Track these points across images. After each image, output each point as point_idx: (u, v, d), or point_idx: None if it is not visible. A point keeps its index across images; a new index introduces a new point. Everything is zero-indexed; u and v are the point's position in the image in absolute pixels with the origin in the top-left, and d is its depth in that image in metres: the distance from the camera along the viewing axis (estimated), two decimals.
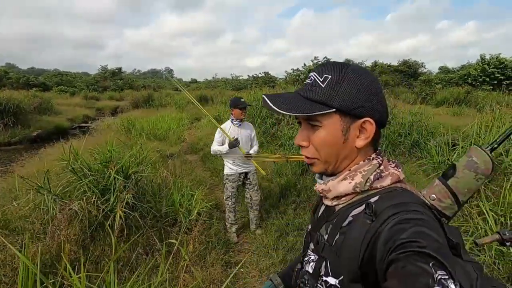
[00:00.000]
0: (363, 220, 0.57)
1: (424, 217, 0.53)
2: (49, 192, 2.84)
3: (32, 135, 12.16)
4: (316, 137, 0.64)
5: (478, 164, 0.75)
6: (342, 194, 0.64)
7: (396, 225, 0.51)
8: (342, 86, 0.61)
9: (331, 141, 0.63)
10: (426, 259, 0.44)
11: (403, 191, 0.61)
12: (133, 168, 3.11)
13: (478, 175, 0.74)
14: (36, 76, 42.91)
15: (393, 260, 0.47)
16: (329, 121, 0.62)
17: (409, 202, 0.56)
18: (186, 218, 3.17)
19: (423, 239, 0.47)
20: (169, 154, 6.35)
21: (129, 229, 3.01)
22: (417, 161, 5.44)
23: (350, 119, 0.62)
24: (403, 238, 0.48)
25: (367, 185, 0.62)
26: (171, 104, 18.67)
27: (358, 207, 0.61)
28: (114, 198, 2.81)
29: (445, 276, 0.43)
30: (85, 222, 2.78)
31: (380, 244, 0.51)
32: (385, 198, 0.59)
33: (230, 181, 3.31)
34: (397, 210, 0.54)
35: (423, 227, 0.50)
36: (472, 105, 16.33)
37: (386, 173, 0.63)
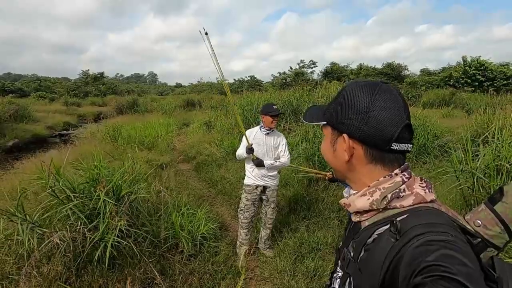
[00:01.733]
0: (387, 238, 0.56)
1: (452, 239, 0.49)
2: (24, 219, 2.37)
3: (8, 145, 11.31)
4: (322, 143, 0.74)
5: None
6: (360, 210, 0.64)
7: (421, 246, 0.49)
8: (334, 102, 0.68)
9: (324, 150, 0.72)
10: (454, 285, 0.42)
11: (433, 210, 0.58)
12: (126, 189, 2.66)
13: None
14: (12, 82, 41.07)
15: (418, 284, 0.45)
16: (326, 132, 0.71)
17: (437, 223, 0.53)
18: (189, 243, 2.75)
19: (451, 263, 0.44)
20: (160, 165, 5.88)
21: (122, 259, 2.56)
22: (424, 165, 5.23)
23: (337, 132, 0.68)
24: (429, 260, 0.46)
25: (384, 203, 0.61)
26: (157, 110, 18.04)
27: (384, 226, 0.60)
28: (104, 226, 2.35)
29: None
30: (69, 256, 2.32)
31: (403, 264, 0.49)
32: (412, 217, 0.57)
33: (246, 191, 2.95)
34: (424, 231, 0.51)
35: (451, 250, 0.47)
36: (458, 107, 16.59)
37: (409, 193, 0.61)
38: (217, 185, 5.11)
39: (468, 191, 3.38)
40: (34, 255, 2.19)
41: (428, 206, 0.59)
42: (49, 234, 2.25)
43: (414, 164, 5.29)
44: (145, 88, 58.09)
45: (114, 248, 2.43)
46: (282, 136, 3.02)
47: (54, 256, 2.30)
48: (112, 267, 2.50)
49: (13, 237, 2.37)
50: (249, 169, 2.96)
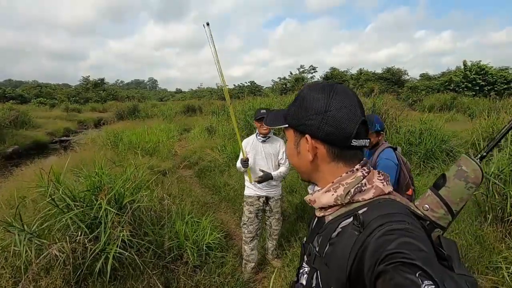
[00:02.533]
0: (351, 231, 0.58)
1: (409, 227, 0.53)
2: (22, 230, 2.25)
3: (7, 152, 11.20)
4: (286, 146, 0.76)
5: (468, 173, 0.75)
6: (325, 206, 0.66)
7: (382, 236, 0.52)
8: (295, 105, 0.70)
9: (289, 152, 0.74)
10: (412, 269, 0.45)
11: (391, 201, 0.62)
12: (128, 197, 2.55)
13: (468, 184, 0.75)
14: (13, 88, 41.10)
15: (381, 272, 0.48)
16: (289, 135, 0.73)
17: (395, 212, 0.57)
18: (194, 253, 2.63)
19: (409, 250, 0.47)
20: (162, 171, 5.76)
21: (124, 271, 2.44)
22: (432, 170, 5.12)
23: (299, 134, 0.70)
24: (389, 249, 0.49)
25: (348, 198, 0.63)
26: (158, 115, 17.97)
27: (347, 219, 0.62)
28: (106, 236, 2.24)
29: (432, 286, 0.43)
30: (68, 268, 2.20)
31: (367, 255, 0.51)
32: (373, 209, 0.59)
33: (248, 204, 2.77)
34: (384, 221, 0.54)
35: (409, 237, 0.50)
36: (460, 111, 16.53)
37: (369, 186, 0.64)
38: (220, 192, 4.99)
39: (482, 197, 3.28)
40: (32, 268, 2.07)
41: (385, 198, 0.62)
42: (47, 246, 2.14)
43: (422, 170, 5.18)
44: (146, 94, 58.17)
45: (116, 260, 2.32)
46: (282, 142, 2.80)
47: (53, 269, 2.18)
48: (114, 280, 2.38)
49: (10, 248, 2.25)
50: (246, 177, 2.77)
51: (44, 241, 2.27)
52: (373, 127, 2.25)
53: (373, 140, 2.28)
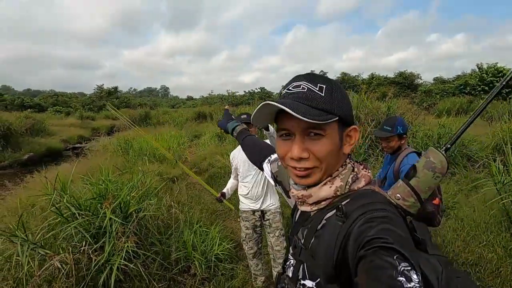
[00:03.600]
0: (335, 222, 0.60)
1: (389, 214, 0.56)
2: (25, 240, 2.17)
3: (23, 158, 11.45)
4: (318, 146, 0.62)
5: (435, 164, 0.85)
6: (323, 199, 0.65)
7: (364, 224, 0.54)
8: (337, 95, 0.63)
9: (332, 149, 0.64)
10: (390, 253, 0.48)
11: (371, 192, 0.65)
12: (134, 205, 2.45)
13: (436, 174, 0.86)
14: (31, 98, 42.42)
15: (362, 256, 0.50)
16: (331, 129, 0.63)
17: (375, 201, 0.60)
18: (202, 264, 2.49)
19: (388, 235, 0.50)
20: (171, 178, 5.69)
21: (129, 283, 2.33)
22: (454, 177, 4.85)
23: (343, 127, 0.65)
24: (370, 235, 0.51)
25: (347, 188, 0.65)
26: (169, 122, 18.10)
27: (331, 211, 0.63)
28: (110, 247, 2.14)
29: (408, 267, 0.46)
30: (71, 280, 2.10)
31: (351, 242, 0.54)
32: (355, 200, 0.62)
33: (243, 219, 2.55)
34: (365, 210, 0.57)
35: (388, 224, 0.53)
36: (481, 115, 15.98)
37: (360, 175, 0.67)
38: (230, 199, 4.86)
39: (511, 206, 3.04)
40: (34, 279, 1.98)
41: (366, 189, 0.65)
42: (49, 257, 2.05)
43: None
44: (158, 101, 59.05)
45: (120, 271, 2.21)
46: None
47: (55, 281, 2.09)
48: None
49: (13, 259, 2.18)
50: (240, 192, 2.55)
51: (48, 252, 2.18)
52: (395, 129, 2.08)
53: (394, 144, 2.11)
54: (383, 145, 2.20)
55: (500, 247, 2.79)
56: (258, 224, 2.52)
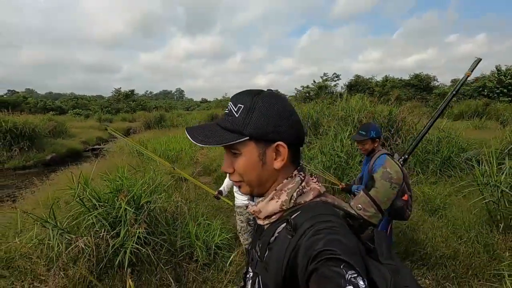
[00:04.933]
0: (285, 235, 0.62)
1: (334, 225, 0.58)
2: (55, 226, 2.59)
3: (46, 159, 12.19)
4: (237, 164, 0.67)
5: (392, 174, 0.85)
6: (271, 213, 0.68)
7: (312, 237, 0.56)
8: (254, 115, 0.64)
9: (250, 166, 0.67)
10: (337, 263, 0.50)
11: (321, 203, 0.66)
12: (145, 198, 2.83)
13: (392, 185, 0.85)
14: (53, 101, 44.31)
15: (313, 270, 0.52)
16: (246, 148, 0.65)
17: (322, 213, 0.61)
18: (203, 252, 2.84)
19: (334, 246, 0.53)
20: (182, 177, 6.09)
21: (141, 266, 2.71)
22: (449, 179, 5.01)
23: (265, 144, 0.65)
24: (318, 248, 0.53)
25: (292, 202, 0.66)
26: (183, 124, 18.68)
27: (282, 224, 0.65)
28: (124, 232, 2.52)
29: (355, 274, 0.49)
30: (92, 260, 2.49)
31: (300, 256, 0.56)
32: (303, 212, 0.64)
33: (238, 213, 2.84)
34: (312, 223, 0.59)
35: (334, 235, 0.55)
36: (493, 118, 15.73)
37: (308, 189, 0.68)
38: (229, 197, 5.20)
39: (494, 205, 3.23)
40: (62, 258, 2.38)
41: (317, 201, 0.67)
42: (75, 239, 2.44)
43: (438, 178, 5.09)
44: (173, 104, 60.29)
45: (134, 255, 2.58)
46: None
47: (79, 260, 2.49)
48: (131, 273, 2.65)
49: (45, 241, 2.59)
50: (235, 189, 2.84)
51: (73, 236, 2.59)
52: (369, 134, 2.37)
53: (368, 147, 2.39)
54: (359, 148, 2.49)
55: (480, 244, 3.00)
56: (252, 217, 2.80)
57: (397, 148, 5.87)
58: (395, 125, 6.18)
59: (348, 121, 6.30)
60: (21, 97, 36.05)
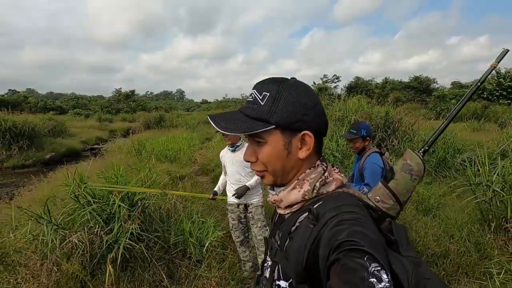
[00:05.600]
0: (306, 224, 0.62)
1: (358, 216, 0.57)
2: (49, 222, 2.62)
3: (45, 158, 12.25)
4: (262, 153, 0.67)
5: (412, 166, 0.81)
6: (293, 203, 0.68)
7: (334, 227, 0.55)
8: (280, 103, 0.63)
9: (275, 155, 0.66)
10: (361, 254, 0.49)
11: (344, 194, 0.66)
12: (139, 195, 2.86)
13: (413, 176, 0.81)
14: (53, 100, 44.42)
15: (335, 260, 0.51)
16: (272, 137, 0.65)
17: (346, 204, 0.61)
18: (196, 249, 2.87)
19: (358, 238, 0.51)
20: (179, 176, 6.12)
21: (135, 262, 2.73)
22: (444, 179, 5.04)
23: (291, 133, 0.65)
24: (340, 238, 0.52)
25: (314, 192, 0.66)
26: (182, 125, 18.72)
27: (304, 213, 0.65)
28: (117, 228, 2.55)
29: (378, 267, 0.48)
30: (86, 256, 2.52)
31: (322, 246, 0.55)
32: (326, 202, 0.63)
33: (229, 211, 2.84)
34: (335, 213, 0.58)
35: (358, 226, 0.54)
36: (491, 120, 15.77)
37: (331, 179, 0.68)
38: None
39: (485, 205, 3.26)
40: (55, 252, 2.41)
41: (339, 192, 0.67)
42: (68, 234, 2.47)
43: (433, 178, 5.12)
44: (173, 105, 60.40)
45: (127, 251, 2.60)
46: None
47: (73, 256, 2.51)
48: (125, 269, 2.68)
49: (39, 237, 2.62)
50: (227, 188, 2.85)
51: (67, 231, 2.61)
52: (360, 132, 2.40)
53: (359, 145, 2.43)
54: (350, 146, 2.52)
55: (472, 243, 3.03)
56: (243, 216, 2.82)
57: (394, 149, 5.90)
58: (392, 126, 6.21)
59: (344, 122, 6.33)
60: (22, 97, 36.13)
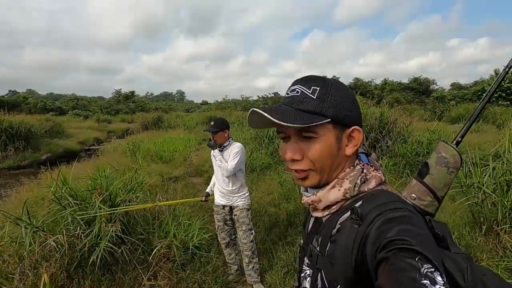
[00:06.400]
0: (350, 225, 0.58)
1: (407, 213, 0.54)
2: (28, 224, 2.56)
3: (41, 159, 12.18)
4: (312, 149, 0.62)
5: (448, 159, 0.77)
6: (333, 203, 0.65)
7: (382, 225, 0.53)
8: (332, 97, 0.62)
9: (327, 151, 0.63)
10: (412, 254, 0.46)
11: (384, 191, 0.62)
12: (121, 196, 2.81)
13: (450, 169, 0.77)
14: (53, 101, 44.40)
15: (382, 259, 0.49)
16: (324, 131, 0.62)
17: (391, 201, 0.58)
18: (180, 252, 2.81)
19: (408, 236, 0.49)
20: (172, 177, 6.07)
21: (118, 265, 2.68)
22: None
23: (341, 128, 0.63)
24: (389, 236, 0.50)
25: (356, 190, 0.63)
26: (180, 126, 18.68)
27: (344, 214, 0.62)
28: (97, 229, 2.49)
29: (431, 269, 0.45)
30: (64, 259, 2.46)
31: (369, 245, 0.52)
32: (368, 201, 0.60)
33: (215, 212, 2.80)
34: (381, 210, 0.55)
35: (407, 224, 0.51)
36: (490, 122, 15.71)
37: (370, 176, 0.65)
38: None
39: (477, 207, 3.19)
40: (31, 255, 2.35)
41: (378, 189, 0.64)
42: (45, 237, 2.42)
43: None
44: (173, 106, 60.38)
45: (108, 254, 2.54)
46: (235, 145, 2.66)
47: (52, 259, 2.46)
48: (106, 272, 2.62)
49: (18, 239, 2.57)
50: (214, 188, 2.84)
51: (47, 234, 2.56)
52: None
53: None
54: None
55: (462, 245, 2.96)
56: (228, 217, 2.77)
57: (388, 150, 5.85)
58: (387, 126, 6.16)
59: None
60: (21, 98, 36.14)
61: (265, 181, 5.56)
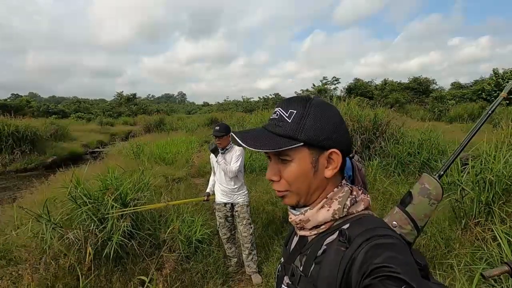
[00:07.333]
0: (337, 247, 0.58)
1: (395, 241, 0.55)
2: (48, 221, 2.85)
3: (47, 161, 12.51)
4: (287, 171, 0.64)
5: (431, 190, 0.80)
6: (321, 223, 0.64)
7: (369, 250, 0.53)
8: (308, 120, 0.62)
9: (302, 174, 0.63)
10: (398, 283, 0.47)
11: (372, 216, 0.64)
12: (131, 195, 3.10)
13: (431, 201, 0.80)
14: (55, 104, 44.83)
15: (368, 285, 0.49)
16: (299, 155, 0.63)
17: (380, 227, 0.58)
18: (184, 245, 3.10)
19: (395, 264, 0.49)
20: (175, 178, 6.35)
21: (128, 258, 2.96)
22: None
23: (318, 151, 0.63)
24: (376, 263, 0.50)
25: (345, 211, 0.63)
26: (182, 128, 18.99)
27: (331, 235, 0.62)
28: (110, 225, 2.78)
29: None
30: (82, 251, 2.75)
31: (355, 269, 0.53)
32: (356, 224, 0.61)
33: (217, 210, 3.06)
34: (370, 235, 0.56)
35: (394, 252, 0.52)
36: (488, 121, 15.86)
37: (359, 199, 0.66)
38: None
39: (457, 203, 3.46)
40: (53, 248, 2.64)
41: (365, 214, 0.65)
42: (65, 232, 2.71)
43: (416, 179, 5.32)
44: (175, 108, 60.73)
45: (121, 248, 2.83)
46: (237, 149, 2.93)
47: (70, 253, 2.75)
48: (118, 264, 2.91)
49: (39, 235, 2.86)
50: (216, 187, 3.07)
51: (64, 229, 2.85)
52: None
53: None
54: None
55: (443, 238, 3.23)
56: (229, 214, 3.05)
57: (381, 150, 6.12)
58: (380, 128, 6.42)
59: None
60: (24, 101, 36.56)
61: (263, 181, 5.83)
